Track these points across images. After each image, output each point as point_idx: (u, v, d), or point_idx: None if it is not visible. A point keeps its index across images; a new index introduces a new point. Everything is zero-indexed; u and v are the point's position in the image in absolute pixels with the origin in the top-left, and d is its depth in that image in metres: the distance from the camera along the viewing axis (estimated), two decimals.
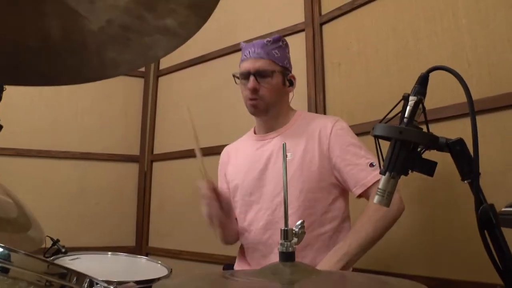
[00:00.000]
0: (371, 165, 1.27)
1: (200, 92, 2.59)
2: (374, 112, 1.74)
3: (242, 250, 1.52)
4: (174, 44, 0.61)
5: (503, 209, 0.86)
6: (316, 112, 1.95)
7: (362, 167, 1.28)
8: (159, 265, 1.70)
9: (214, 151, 2.36)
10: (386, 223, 1.23)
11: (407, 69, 1.68)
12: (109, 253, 1.80)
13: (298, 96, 1.70)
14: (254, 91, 1.37)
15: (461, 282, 1.44)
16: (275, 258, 0.59)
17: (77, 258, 1.65)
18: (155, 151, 2.83)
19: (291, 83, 1.47)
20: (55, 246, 1.60)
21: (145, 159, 2.83)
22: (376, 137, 0.73)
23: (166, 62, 2.89)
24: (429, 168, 0.69)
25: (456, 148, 0.64)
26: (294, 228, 0.62)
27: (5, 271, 0.60)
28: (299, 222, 0.63)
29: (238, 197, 1.47)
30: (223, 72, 2.46)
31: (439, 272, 1.50)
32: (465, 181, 0.66)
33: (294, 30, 2.12)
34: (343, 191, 1.37)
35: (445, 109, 1.52)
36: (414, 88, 0.72)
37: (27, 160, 2.50)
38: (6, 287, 0.58)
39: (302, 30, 2.09)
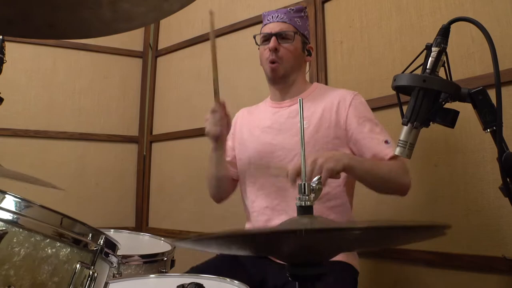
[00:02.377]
0: (386, 142, 1.30)
1: (199, 72, 2.57)
2: (377, 90, 1.74)
3: (248, 220, 1.53)
4: None
5: None
6: None
7: (379, 141, 1.30)
8: (162, 241, 1.71)
9: None
10: (397, 181, 1.26)
11: (410, 46, 1.68)
12: (112, 230, 1.80)
13: None
14: (275, 50, 1.39)
15: (461, 255, 1.47)
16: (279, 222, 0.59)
17: None
18: (154, 132, 2.81)
19: (309, 53, 1.50)
20: None
21: (144, 140, 2.82)
22: (398, 89, 0.73)
23: (164, 42, 2.86)
24: (451, 117, 0.68)
25: (478, 97, 0.64)
26: (311, 184, 0.62)
27: (21, 222, 0.60)
28: (316, 178, 0.63)
29: (248, 161, 1.47)
30: (223, 51, 2.44)
31: (440, 246, 1.52)
32: (487, 131, 0.66)
33: None
34: None
35: None
36: (436, 39, 0.71)
37: (25, 140, 2.48)
38: (22, 240, 0.58)
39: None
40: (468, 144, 1.51)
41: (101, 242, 0.65)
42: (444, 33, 0.72)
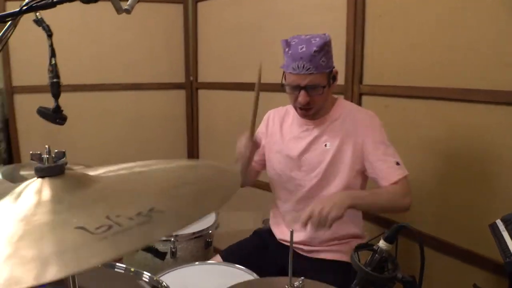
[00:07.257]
0: (397, 163, 1.43)
1: (239, 24, 2.55)
2: (413, 79, 1.74)
3: (274, 210, 1.74)
4: None
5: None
6: (354, 62, 1.94)
7: (390, 164, 1.44)
8: None
9: (251, 87, 2.44)
10: (396, 206, 1.45)
11: (451, 26, 1.60)
12: None
13: (336, 44, 1.54)
14: (306, 104, 1.44)
15: (459, 248, 1.62)
16: None
17: None
18: (200, 79, 2.93)
19: (334, 79, 1.50)
20: None
21: (191, 85, 2.97)
22: None
23: None
24: None
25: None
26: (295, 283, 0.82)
27: None
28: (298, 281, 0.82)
29: (278, 168, 1.62)
30: (263, 4, 2.39)
31: (444, 235, 1.68)
32: None
33: None
34: (366, 176, 1.54)
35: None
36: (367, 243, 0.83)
37: (84, 94, 2.71)
38: None
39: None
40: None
41: None
42: (389, 240, 0.82)
